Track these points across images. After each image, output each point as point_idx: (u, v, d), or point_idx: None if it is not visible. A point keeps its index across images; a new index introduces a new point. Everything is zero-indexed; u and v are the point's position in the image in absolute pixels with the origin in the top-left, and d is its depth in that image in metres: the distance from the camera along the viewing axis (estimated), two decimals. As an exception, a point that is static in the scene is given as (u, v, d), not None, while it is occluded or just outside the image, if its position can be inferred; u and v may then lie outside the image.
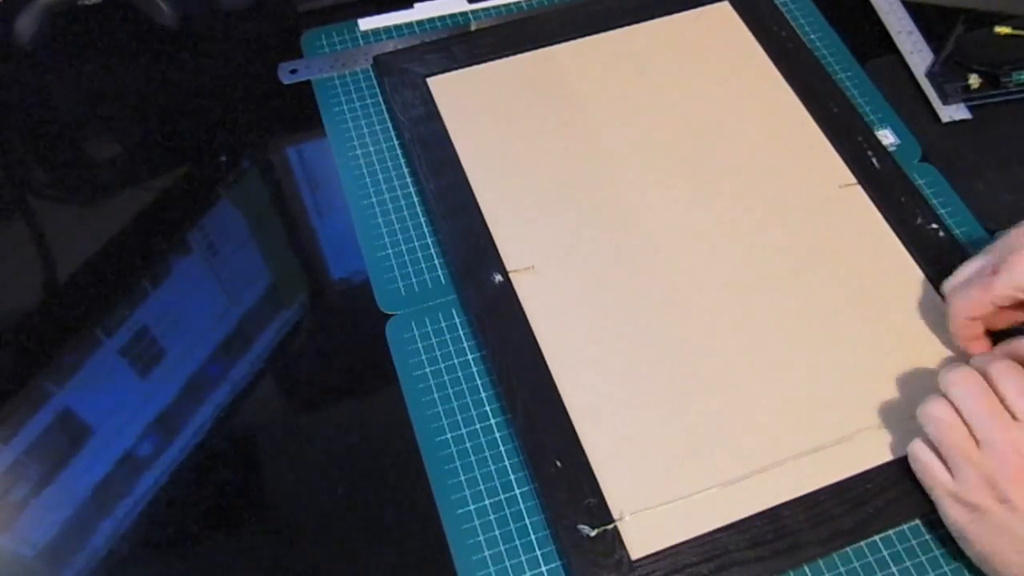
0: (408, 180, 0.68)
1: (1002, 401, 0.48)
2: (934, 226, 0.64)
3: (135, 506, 0.55)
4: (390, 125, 0.71)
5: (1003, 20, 0.74)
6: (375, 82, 0.73)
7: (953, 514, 0.49)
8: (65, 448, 0.57)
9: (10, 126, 0.72)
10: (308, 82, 0.74)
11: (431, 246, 0.64)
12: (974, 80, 0.72)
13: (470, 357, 0.59)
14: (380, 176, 0.68)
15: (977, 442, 0.47)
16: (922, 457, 0.51)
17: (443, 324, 0.61)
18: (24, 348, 0.61)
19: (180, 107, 0.73)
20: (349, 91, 0.73)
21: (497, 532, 0.53)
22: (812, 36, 0.77)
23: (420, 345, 0.60)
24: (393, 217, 0.66)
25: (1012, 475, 0.45)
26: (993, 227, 0.66)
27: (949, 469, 0.49)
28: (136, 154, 0.71)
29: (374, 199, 0.67)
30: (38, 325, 0.62)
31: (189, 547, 0.54)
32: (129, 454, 0.57)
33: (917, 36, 0.76)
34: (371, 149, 0.70)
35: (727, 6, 0.77)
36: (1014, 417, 0.47)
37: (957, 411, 0.49)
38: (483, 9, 0.78)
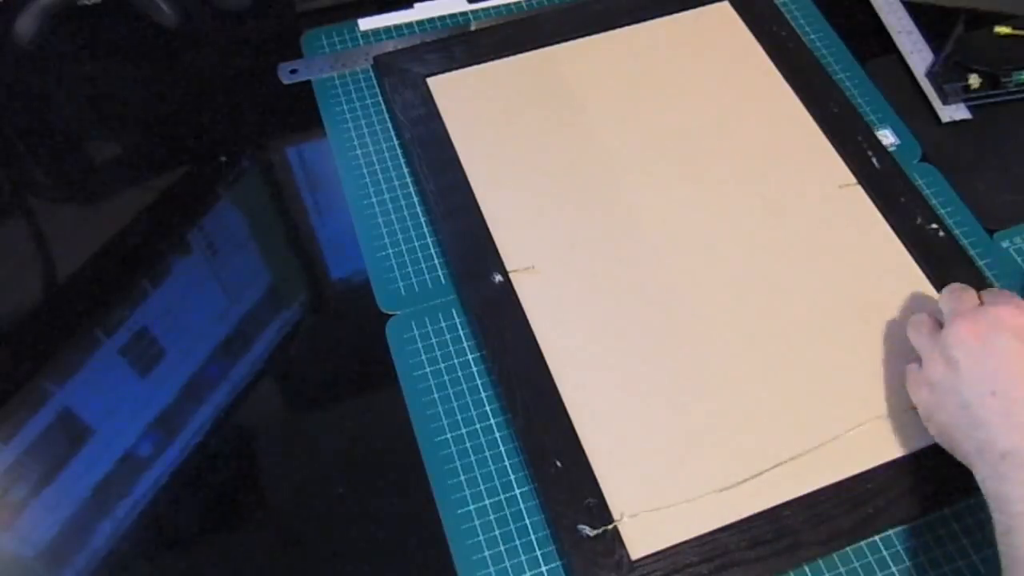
0: (408, 180, 0.68)
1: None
2: (934, 226, 0.64)
3: (135, 506, 0.55)
4: (390, 125, 0.71)
5: (1003, 20, 0.74)
6: (375, 82, 0.73)
7: (917, 395, 0.53)
8: (65, 448, 0.57)
9: (10, 125, 0.72)
10: (308, 82, 0.74)
11: (431, 246, 0.64)
12: (974, 80, 0.72)
13: (470, 357, 0.59)
14: (380, 176, 0.68)
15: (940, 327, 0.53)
16: (909, 367, 0.55)
17: (443, 324, 0.61)
18: (24, 348, 0.61)
19: (180, 107, 0.73)
20: (349, 91, 0.73)
21: (497, 532, 0.53)
22: (812, 36, 0.77)
23: (420, 345, 0.60)
24: (393, 217, 0.66)
25: (958, 337, 0.50)
26: (993, 227, 0.66)
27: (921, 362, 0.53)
28: (136, 154, 0.71)
29: (374, 199, 0.67)
30: (38, 325, 0.63)
31: (189, 547, 0.54)
32: (129, 454, 0.57)
33: (917, 36, 0.76)
34: (371, 149, 0.70)
35: (727, 6, 0.77)
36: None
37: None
38: (483, 9, 0.78)
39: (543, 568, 0.52)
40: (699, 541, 0.51)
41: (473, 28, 0.76)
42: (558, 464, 0.54)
